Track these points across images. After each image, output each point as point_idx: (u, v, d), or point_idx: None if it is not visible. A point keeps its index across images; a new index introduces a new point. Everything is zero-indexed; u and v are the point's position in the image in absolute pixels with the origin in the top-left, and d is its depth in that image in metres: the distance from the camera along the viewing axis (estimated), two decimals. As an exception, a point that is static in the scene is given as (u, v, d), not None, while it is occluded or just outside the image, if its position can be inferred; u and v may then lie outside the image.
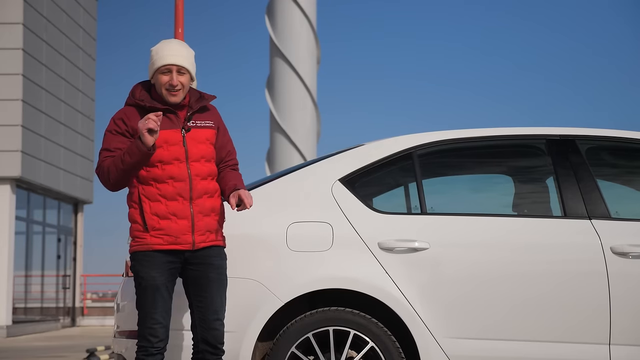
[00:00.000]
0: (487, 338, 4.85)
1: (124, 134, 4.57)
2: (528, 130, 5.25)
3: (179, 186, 4.51)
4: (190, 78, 4.61)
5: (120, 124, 4.58)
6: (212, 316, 4.54)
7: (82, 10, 25.12)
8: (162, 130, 4.51)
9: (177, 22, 12.77)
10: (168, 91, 4.55)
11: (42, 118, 22.03)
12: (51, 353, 14.30)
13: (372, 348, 4.81)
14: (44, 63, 22.17)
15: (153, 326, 4.50)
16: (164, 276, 4.50)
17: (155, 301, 4.49)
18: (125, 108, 4.64)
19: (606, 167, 5.41)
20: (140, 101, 4.58)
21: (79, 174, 24.73)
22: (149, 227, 4.51)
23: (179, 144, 4.54)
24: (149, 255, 4.50)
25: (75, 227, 25.88)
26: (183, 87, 4.57)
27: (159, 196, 4.51)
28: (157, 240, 4.50)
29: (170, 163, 4.51)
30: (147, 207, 4.52)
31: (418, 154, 5.15)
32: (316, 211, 4.97)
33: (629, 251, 4.88)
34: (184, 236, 4.51)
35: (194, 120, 4.61)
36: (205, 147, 4.60)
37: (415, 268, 4.86)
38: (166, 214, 4.50)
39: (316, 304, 4.98)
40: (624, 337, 4.84)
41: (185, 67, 4.57)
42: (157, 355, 4.53)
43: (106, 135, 4.60)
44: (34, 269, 23.36)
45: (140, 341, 4.53)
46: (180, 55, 4.57)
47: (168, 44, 4.61)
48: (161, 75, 4.56)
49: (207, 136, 4.62)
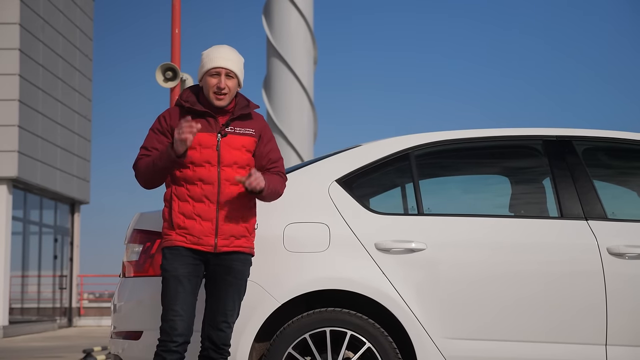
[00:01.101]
0: (484, 338, 4.85)
1: (164, 133, 4.67)
2: (525, 131, 5.25)
3: (207, 189, 4.58)
4: (237, 83, 4.68)
5: (162, 122, 4.69)
6: (221, 317, 4.58)
7: (79, 10, 25.11)
8: (199, 133, 4.58)
9: (174, 22, 12.77)
10: (215, 94, 4.63)
11: (39, 118, 22.02)
12: (48, 353, 14.29)
13: (369, 349, 4.81)
14: (41, 63, 22.16)
15: (173, 318, 4.52)
16: (186, 269, 4.56)
17: (176, 293, 4.53)
18: (171, 107, 4.77)
19: (603, 167, 5.41)
20: (185, 102, 4.67)
21: (75, 174, 24.72)
22: (174, 225, 4.59)
23: (213, 147, 4.60)
24: (174, 249, 4.58)
25: (72, 227, 25.87)
26: (230, 91, 4.64)
27: (187, 196, 4.60)
28: (180, 238, 4.58)
29: (202, 165, 4.58)
30: (176, 206, 4.60)
31: (415, 155, 5.16)
32: (313, 212, 4.97)
33: (626, 252, 4.88)
34: (206, 238, 4.57)
35: (233, 126, 4.67)
36: (240, 153, 4.65)
37: (412, 269, 4.86)
38: (192, 214, 4.58)
39: (313, 305, 4.98)
40: (620, 338, 4.85)
41: (234, 72, 4.64)
42: (175, 353, 4.51)
43: (149, 132, 4.73)
44: (30, 269, 23.35)
45: (160, 335, 4.55)
46: (230, 59, 4.65)
47: (219, 47, 4.70)
48: (210, 78, 4.63)
49: (244, 143, 4.66)
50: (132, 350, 4.95)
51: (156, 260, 4.90)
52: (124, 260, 5.12)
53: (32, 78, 21.56)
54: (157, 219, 5.04)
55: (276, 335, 4.84)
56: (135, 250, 5.02)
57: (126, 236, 5.15)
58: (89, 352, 12.05)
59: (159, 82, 12.40)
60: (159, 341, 4.55)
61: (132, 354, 4.95)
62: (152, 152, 4.64)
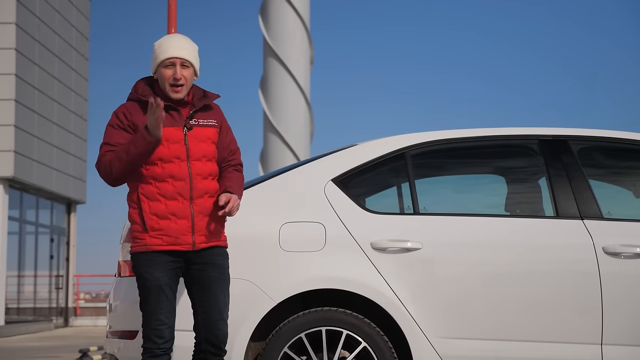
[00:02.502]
0: (479, 338, 4.86)
1: (125, 129, 4.48)
2: (520, 130, 5.26)
3: (179, 185, 4.43)
4: (193, 73, 4.54)
5: (122, 118, 4.49)
6: (216, 316, 4.48)
7: (75, 10, 25.09)
8: (164, 128, 4.43)
9: (170, 22, 12.76)
10: (172, 86, 4.48)
11: (35, 118, 21.99)
12: (44, 353, 14.27)
13: (365, 348, 4.81)
14: (37, 63, 22.14)
15: (158, 327, 4.42)
16: (167, 276, 4.43)
17: (159, 302, 4.42)
18: (127, 103, 4.56)
19: (598, 167, 5.41)
20: (143, 96, 4.49)
21: (71, 174, 24.70)
22: (147, 227, 4.43)
23: (181, 142, 4.46)
24: (150, 255, 4.43)
25: (68, 227, 25.84)
26: (186, 82, 4.50)
27: (158, 195, 4.43)
28: (156, 240, 4.43)
29: (171, 161, 4.43)
30: (147, 207, 4.43)
31: (411, 154, 5.16)
32: (309, 211, 4.97)
33: (621, 251, 4.89)
34: (183, 236, 4.43)
35: (196, 118, 4.53)
36: (207, 145, 4.52)
37: (408, 268, 4.86)
38: (165, 213, 4.42)
39: (309, 304, 4.98)
40: (616, 337, 4.85)
41: (189, 61, 4.50)
42: (162, 356, 4.45)
43: (107, 129, 4.52)
44: (26, 269, 23.32)
45: (145, 343, 4.46)
46: (184, 48, 4.50)
47: (171, 37, 4.55)
48: (164, 69, 4.48)
49: (209, 135, 4.54)
50: (127, 350, 4.94)
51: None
52: (119, 260, 5.11)
53: (28, 78, 21.54)
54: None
55: (272, 335, 4.84)
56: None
57: (122, 236, 5.14)
58: (85, 352, 12.04)
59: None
60: (144, 348, 4.46)
61: (127, 353, 4.95)
62: (117, 147, 4.43)
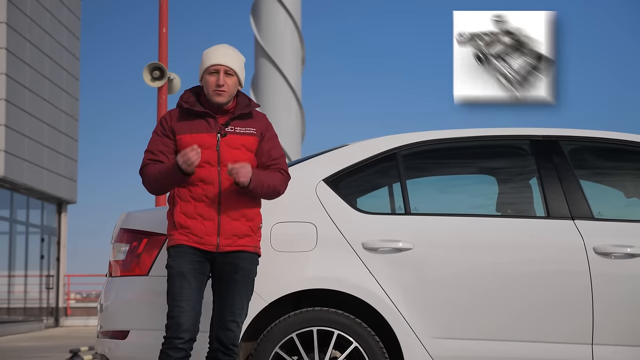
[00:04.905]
0: (470, 338, 4.86)
1: (167, 135, 4.66)
2: (512, 130, 5.26)
3: (207, 189, 4.58)
4: (237, 82, 4.67)
5: (164, 124, 4.70)
6: (229, 317, 4.54)
7: (66, 9, 25.03)
8: (198, 134, 4.60)
9: (161, 22, 12.74)
10: (215, 91, 4.61)
11: (26, 117, 21.94)
12: (34, 353, 14.24)
13: (356, 348, 4.81)
14: (28, 62, 22.08)
15: (178, 314, 4.48)
16: (191, 265, 4.55)
17: (181, 289, 4.51)
18: (172, 110, 4.77)
19: (589, 167, 5.42)
20: (185, 103, 4.67)
21: (62, 173, 24.64)
22: (177, 224, 4.59)
23: (212, 148, 4.59)
24: (178, 247, 4.58)
25: (58, 227, 25.78)
26: (229, 89, 4.63)
27: (189, 197, 4.60)
28: (183, 237, 4.58)
29: (202, 166, 4.57)
30: (178, 207, 4.61)
31: (402, 154, 5.16)
32: (300, 211, 4.97)
33: (612, 251, 4.90)
34: (208, 237, 4.56)
35: (233, 125, 4.65)
36: (240, 153, 4.62)
37: (399, 268, 4.87)
38: (193, 214, 4.58)
39: (301, 304, 4.98)
40: (606, 337, 4.86)
41: (233, 69, 4.64)
42: (180, 351, 4.47)
43: (152, 136, 4.72)
44: (17, 269, 23.26)
45: (166, 332, 4.51)
46: (229, 55, 4.65)
47: (219, 46, 4.71)
48: (209, 76, 4.63)
49: (244, 142, 4.65)
50: (118, 350, 4.94)
51: (143, 260, 4.89)
52: (110, 260, 5.11)
53: (19, 77, 21.48)
54: (143, 218, 5.03)
55: (263, 335, 4.84)
56: (121, 249, 5.01)
57: (113, 235, 5.14)
58: (76, 352, 12.01)
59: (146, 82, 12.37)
60: (165, 338, 4.51)
61: (118, 353, 4.94)
62: (159, 155, 4.64)
